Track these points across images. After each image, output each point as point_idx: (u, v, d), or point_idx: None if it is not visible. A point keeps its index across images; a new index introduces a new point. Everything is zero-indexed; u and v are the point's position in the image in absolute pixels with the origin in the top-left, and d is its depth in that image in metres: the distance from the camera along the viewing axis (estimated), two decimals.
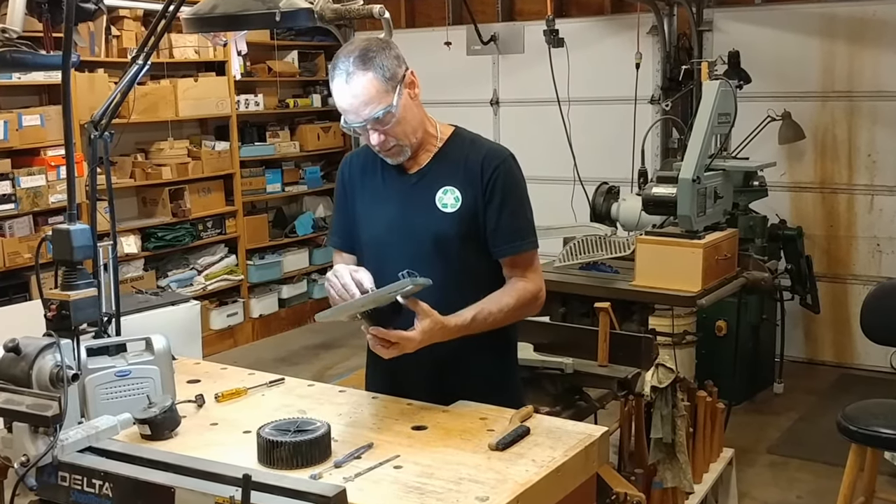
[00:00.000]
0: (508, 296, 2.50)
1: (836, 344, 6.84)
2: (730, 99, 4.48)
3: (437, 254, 2.50)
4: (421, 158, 2.55)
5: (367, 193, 2.62)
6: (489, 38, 7.65)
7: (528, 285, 2.53)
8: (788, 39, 6.68)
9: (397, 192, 2.56)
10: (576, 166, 6.46)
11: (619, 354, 3.41)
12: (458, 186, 2.50)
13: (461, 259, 2.51)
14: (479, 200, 2.49)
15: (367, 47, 2.39)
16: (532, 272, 2.56)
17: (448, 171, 2.52)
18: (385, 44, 2.43)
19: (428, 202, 2.51)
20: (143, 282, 6.72)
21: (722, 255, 4.34)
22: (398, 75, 2.40)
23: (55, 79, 5.89)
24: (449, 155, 2.54)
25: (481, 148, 2.54)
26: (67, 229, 2.19)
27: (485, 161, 2.50)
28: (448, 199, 2.50)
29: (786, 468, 5.12)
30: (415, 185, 2.54)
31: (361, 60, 2.36)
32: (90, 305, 2.20)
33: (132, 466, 1.97)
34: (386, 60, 2.38)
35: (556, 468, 2.03)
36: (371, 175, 2.61)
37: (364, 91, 2.37)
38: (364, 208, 2.63)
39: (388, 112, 2.39)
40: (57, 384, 2.00)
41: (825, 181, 6.76)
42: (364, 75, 2.36)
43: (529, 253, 2.56)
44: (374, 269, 2.53)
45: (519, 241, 2.53)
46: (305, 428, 2.08)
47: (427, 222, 2.51)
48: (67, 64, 2.32)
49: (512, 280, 2.55)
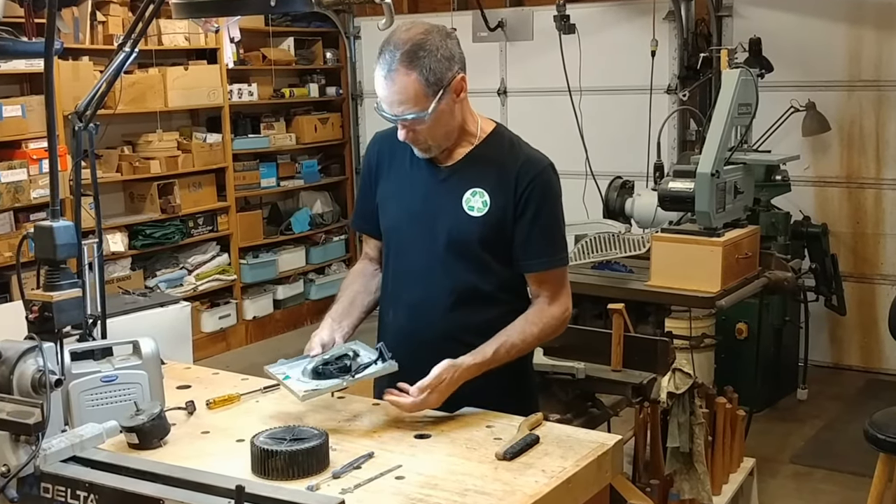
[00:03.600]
0: (533, 324, 2.50)
1: (863, 347, 6.83)
2: (751, 88, 4.47)
3: (455, 255, 2.51)
4: (456, 153, 2.55)
5: (393, 178, 2.63)
6: (496, 25, 7.64)
7: (554, 311, 2.54)
8: (813, 25, 6.67)
9: (424, 185, 2.57)
10: (588, 160, 6.45)
11: (634, 358, 3.41)
12: (489, 190, 2.50)
13: (479, 264, 2.52)
14: (510, 210, 2.49)
15: (422, 42, 2.37)
16: (560, 291, 2.56)
17: (481, 172, 2.52)
18: (443, 40, 2.41)
19: (454, 202, 2.52)
20: (130, 282, 6.72)
21: (742, 253, 4.34)
22: (444, 80, 2.39)
23: (37, 67, 5.88)
24: (484, 155, 2.54)
25: (520, 154, 2.54)
26: (50, 226, 2.19)
27: (522, 169, 2.50)
28: (476, 202, 2.50)
29: (810, 479, 5.11)
30: (443, 181, 2.55)
31: (409, 58, 2.35)
32: (74, 307, 2.20)
33: (119, 477, 1.96)
34: (436, 63, 2.36)
35: (567, 479, 2.03)
36: (400, 160, 2.62)
37: (402, 91, 2.37)
38: (387, 193, 2.64)
39: (420, 117, 2.39)
40: (39, 390, 2.00)
41: (851, 175, 6.74)
42: (407, 75, 2.36)
43: (559, 270, 2.56)
44: (391, 259, 2.58)
45: (548, 256, 2.53)
46: (302, 436, 2.08)
47: (449, 222, 2.52)
48: (50, 51, 2.32)
49: (539, 302, 2.54)
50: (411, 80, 2.35)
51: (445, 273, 2.52)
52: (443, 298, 2.52)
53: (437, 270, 2.52)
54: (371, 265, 2.76)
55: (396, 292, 2.64)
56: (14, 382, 2.00)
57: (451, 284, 2.52)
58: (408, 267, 2.59)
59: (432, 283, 2.54)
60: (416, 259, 2.56)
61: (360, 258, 2.84)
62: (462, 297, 2.50)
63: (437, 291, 2.52)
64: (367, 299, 2.70)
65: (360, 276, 2.75)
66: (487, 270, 2.51)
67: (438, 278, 2.53)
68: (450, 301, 2.52)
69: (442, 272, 2.52)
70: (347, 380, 2.37)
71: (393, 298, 2.65)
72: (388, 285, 2.67)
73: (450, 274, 2.51)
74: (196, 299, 7.28)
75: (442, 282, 2.53)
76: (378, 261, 2.74)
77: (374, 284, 2.72)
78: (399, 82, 2.36)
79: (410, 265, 2.58)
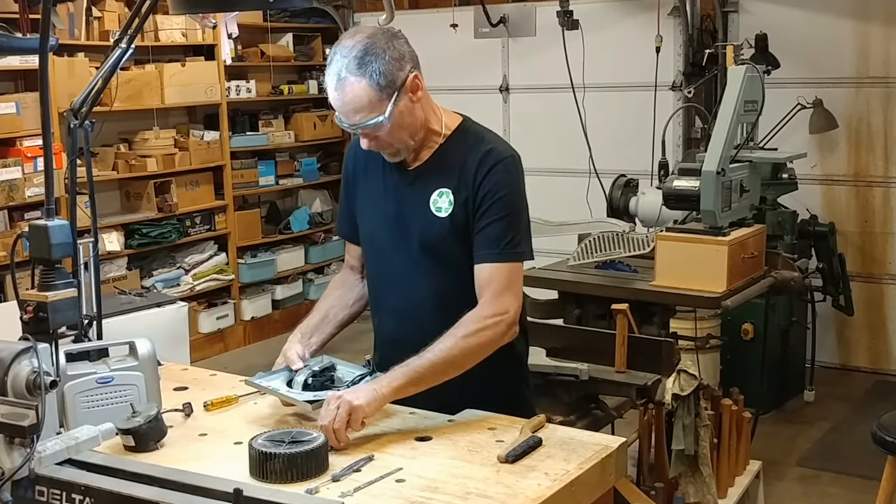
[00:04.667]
0: (448, 339, 2.37)
1: (871, 348, 6.83)
2: (757, 85, 4.47)
3: (431, 258, 2.52)
4: (422, 154, 2.55)
5: (370, 184, 2.63)
6: (498, 20, 7.63)
7: (482, 311, 2.40)
8: (820, 21, 6.67)
9: (395, 190, 2.57)
10: (591, 158, 6.45)
11: (638, 360, 3.41)
12: (453, 188, 2.49)
13: (455, 265, 2.50)
14: (471, 204, 2.47)
15: (368, 47, 2.35)
16: (505, 291, 2.43)
17: (445, 171, 2.51)
18: (389, 41, 2.38)
19: (422, 204, 2.52)
20: (126, 282, 6.72)
21: (748, 252, 4.33)
22: (397, 81, 2.37)
23: (32, 63, 5.88)
24: (449, 153, 2.53)
25: (482, 146, 2.51)
26: (45, 225, 2.19)
27: (482, 160, 2.47)
28: (442, 202, 2.50)
29: (817, 482, 5.11)
30: (411, 184, 2.55)
31: (357, 64, 2.33)
32: (69, 307, 2.20)
33: (115, 480, 1.97)
34: (385, 65, 2.34)
35: (570, 482, 2.03)
36: (374, 166, 2.62)
37: (355, 99, 2.36)
38: (364, 200, 2.65)
39: (378, 122, 2.38)
40: (34, 392, 2.00)
41: (860, 174, 6.74)
42: (357, 82, 2.34)
43: (507, 266, 2.45)
44: (371, 266, 2.58)
45: (497, 249, 2.44)
46: (301, 439, 2.08)
47: (420, 225, 2.52)
48: (45, 47, 2.32)
49: (477, 307, 2.42)
50: (362, 86, 2.34)
51: (424, 277, 2.52)
52: (425, 302, 2.52)
53: (416, 275, 2.53)
54: (352, 275, 2.76)
55: (379, 299, 2.65)
56: (8, 384, 2.01)
57: (432, 288, 2.52)
58: (388, 273, 2.60)
59: (413, 289, 2.54)
60: (395, 265, 2.56)
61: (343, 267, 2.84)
62: (444, 299, 2.48)
63: (418, 296, 2.52)
64: (342, 314, 2.69)
65: (339, 287, 2.76)
66: (465, 271, 2.49)
67: (418, 283, 2.53)
68: (432, 305, 2.51)
69: (420, 276, 2.52)
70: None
71: (377, 305, 2.66)
72: (371, 292, 2.68)
73: (428, 278, 2.51)
74: (193, 299, 7.28)
75: (422, 286, 2.53)
76: (359, 270, 2.74)
77: (351, 296, 2.72)
78: (350, 91, 2.35)
79: (390, 271, 2.59)
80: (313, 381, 2.42)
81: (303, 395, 2.36)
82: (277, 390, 2.40)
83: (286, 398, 2.39)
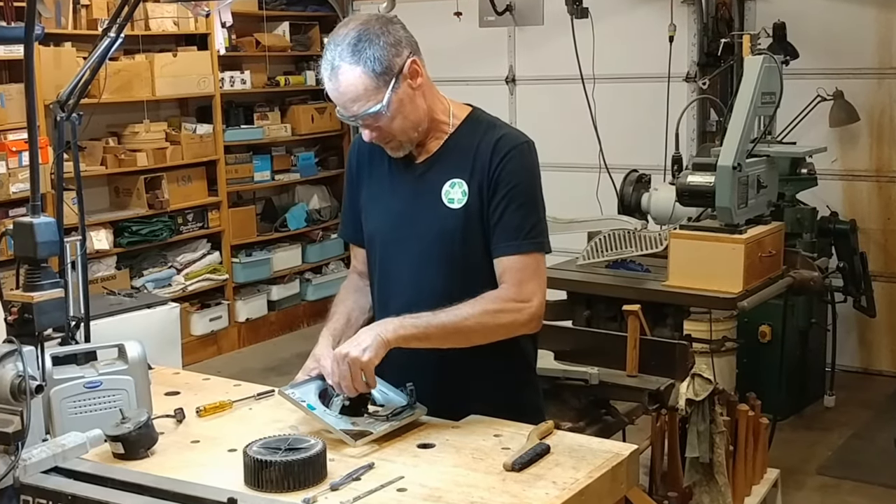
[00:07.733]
0: (490, 302, 2.41)
1: (894, 351, 6.82)
2: (775, 76, 4.47)
3: (442, 254, 2.50)
4: (430, 146, 2.54)
5: (374, 183, 2.63)
6: (504, 8, 7.62)
7: (511, 293, 2.42)
8: (841, 9, 6.66)
9: (403, 184, 2.56)
10: (602, 152, 6.45)
11: (651, 363, 3.42)
12: (467, 178, 2.48)
13: (466, 263, 2.50)
14: (485, 192, 2.46)
15: (361, 34, 2.36)
16: (528, 281, 2.45)
17: (457, 161, 2.51)
18: (384, 27, 2.39)
19: (434, 196, 2.51)
20: (115, 282, 6.73)
21: (766, 251, 4.33)
22: (394, 67, 2.37)
23: (17, 53, 5.90)
24: (460, 143, 2.53)
25: (495, 133, 2.51)
26: (30, 223, 2.20)
27: (496, 147, 2.47)
28: (455, 193, 2.49)
29: (837, 491, 5.11)
30: (421, 176, 2.54)
31: (351, 51, 2.34)
32: (56, 308, 2.21)
33: (103, 489, 1.97)
34: (380, 51, 2.35)
35: (580, 491, 2.03)
36: (379, 162, 2.61)
37: (351, 87, 2.36)
38: (369, 199, 2.64)
39: (378, 111, 2.38)
40: (19, 397, 2.00)
41: (882, 169, 6.74)
42: (352, 70, 2.35)
43: (529, 258, 2.46)
44: (377, 268, 2.57)
45: (517, 241, 2.45)
46: (298, 446, 2.08)
47: (432, 219, 2.51)
48: (30, 37, 2.32)
49: (500, 288, 2.45)
50: (357, 74, 2.34)
51: (432, 277, 2.50)
52: (432, 304, 2.44)
53: (425, 273, 2.50)
54: (361, 280, 2.75)
55: (384, 300, 2.62)
56: None
57: (441, 287, 2.48)
58: (394, 272, 2.57)
59: (420, 288, 2.52)
60: (402, 263, 2.55)
61: (349, 272, 2.83)
62: (452, 301, 2.42)
63: (425, 296, 2.48)
64: (362, 318, 2.68)
65: (353, 292, 2.74)
66: (475, 270, 2.48)
67: (426, 281, 2.51)
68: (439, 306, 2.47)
69: (429, 274, 2.50)
70: (394, 424, 2.33)
71: (382, 306, 2.62)
72: (376, 293, 2.66)
73: (436, 278, 2.49)
74: (185, 300, 7.29)
75: (430, 285, 2.50)
76: (367, 274, 2.72)
77: (366, 302, 2.71)
78: (345, 79, 2.35)
79: (397, 270, 2.56)
80: (352, 403, 2.36)
81: (340, 424, 2.30)
82: (314, 409, 2.35)
83: (323, 424, 2.32)
